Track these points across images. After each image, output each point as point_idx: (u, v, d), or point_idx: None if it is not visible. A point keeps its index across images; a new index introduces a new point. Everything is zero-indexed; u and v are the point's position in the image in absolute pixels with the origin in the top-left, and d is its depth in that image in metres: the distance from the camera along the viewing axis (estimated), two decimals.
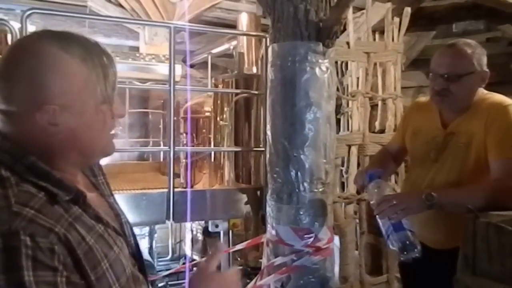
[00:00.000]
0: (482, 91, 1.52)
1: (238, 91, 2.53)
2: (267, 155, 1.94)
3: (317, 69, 1.82)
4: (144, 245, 3.73)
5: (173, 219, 2.22)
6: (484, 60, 1.50)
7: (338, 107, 3.68)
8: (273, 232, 1.89)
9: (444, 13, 3.52)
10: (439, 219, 1.53)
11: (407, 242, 1.30)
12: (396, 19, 2.90)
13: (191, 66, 5.52)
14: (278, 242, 1.87)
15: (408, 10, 2.85)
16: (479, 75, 1.49)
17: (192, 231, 3.56)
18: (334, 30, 1.79)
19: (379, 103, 3.10)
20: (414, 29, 3.56)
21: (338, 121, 3.78)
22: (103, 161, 0.95)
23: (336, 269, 2.54)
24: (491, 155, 1.40)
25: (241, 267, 3.49)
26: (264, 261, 1.97)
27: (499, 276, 1.04)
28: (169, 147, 2.23)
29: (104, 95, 0.76)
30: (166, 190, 2.24)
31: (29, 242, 0.61)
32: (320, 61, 1.82)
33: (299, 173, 1.82)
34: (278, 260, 1.84)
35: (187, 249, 3.65)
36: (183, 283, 3.38)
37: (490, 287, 1.03)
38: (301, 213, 1.83)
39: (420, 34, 3.65)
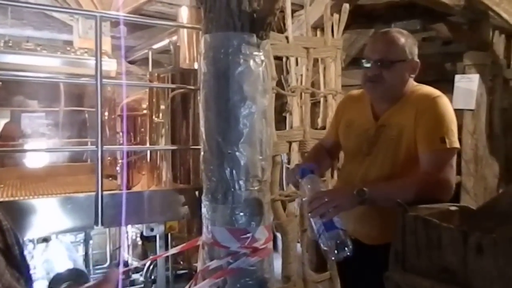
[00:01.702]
0: (412, 83, 1.51)
1: (173, 86, 2.40)
2: (201, 153, 1.84)
3: (251, 62, 1.74)
4: (79, 252, 3.49)
5: (102, 224, 2.05)
6: (415, 50, 1.50)
7: (283, 105, 3.67)
8: (209, 234, 1.80)
9: (382, 12, 3.60)
10: (373, 214, 1.51)
11: (338, 242, 1.26)
12: (336, 16, 2.91)
13: (133, 62, 5.29)
14: (214, 244, 1.77)
15: (346, 6, 2.87)
16: (410, 64, 1.48)
17: (130, 236, 3.37)
18: (268, 21, 1.73)
19: (321, 100, 3.11)
20: (354, 27, 3.61)
21: (284, 119, 3.77)
22: (32, 164, 0.80)
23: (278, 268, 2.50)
24: (420, 147, 1.39)
25: (185, 271, 3.36)
26: (199, 265, 1.87)
27: (427, 271, 1.01)
28: (96, 147, 2.06)
29: None
30: (94, 193, 2.07)
31: None
32: (254, 53, 1.74)
33: (234, 171, 1.73)
34: (214, 264, 1.75)
35: (126, 255, 3.45)
36: None
37: (419, 283, 0.99)
38: (237, 212, 1.74)
39: (360, 32, 3.71)
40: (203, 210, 1.85)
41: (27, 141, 4.04)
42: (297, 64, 4.13)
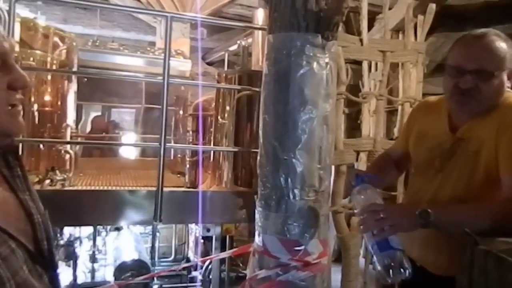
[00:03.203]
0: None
1: (238, 87, 2.37)
2: (258, 157, 1.78)
3: (314, 64, 1.63)
4: (147, 244, 3.65)
5: (160, 220, 2.09)
6: None
7: (359, 112, 3.48)
8: (260, 242, 1.72)
9: (476, 13, 3.23)
10: (442, 240, 1.31)
11: (393, 264, 1.10)
12: (420, 17, 2.67)
13: (211, 63, 5.42)
14: (264, 253, 1.70)
15: (432, 7, 2.61)
16: (510, 73, 1.25)
17: (194, 234, 3.44)
18: (334, 21, 1.61)
19: (399, 108, 2.88)
20: (442, 30, 3.30)
21: (359, 126, 3.58)
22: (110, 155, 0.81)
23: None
24: (502, 167, 1.17)
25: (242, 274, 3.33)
26: (248, 273, 1.80)
27: None
28: (160, 144, 2.10)
29: None
30: (155, 188, 2.12)
31: None
32: (318, 55, 1.63)
33: (289, 179, 1.64)
34: (262, 273, 1.67)
35: (190, 251, 3.53)
36: (179, 286, 3.27)
37: None
38: (290, 222, 1.64)
39: (448, 35, 3.37)
40: (256, 216, 1.78)
41: (114, 133, 4.35)
42: (376, 69, 3.90)
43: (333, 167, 2.24)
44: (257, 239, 1.76)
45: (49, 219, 0.81)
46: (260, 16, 3.53)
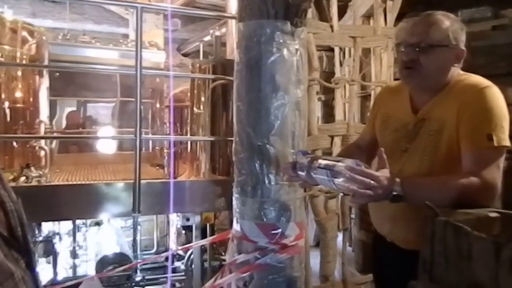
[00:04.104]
0: (457, 72, 1.35)
1: (212, 76, 2.38)
2: (233, 145, 1.81)
3: (284, 51, 1.66)
4: (128, 237, 3.65)
5: (138, 212, 2.10)
6: (463, 37, 1.33)
7: (333, 99, 3.53)
8: (238, 227, 1.76)
9: None
10: (411, 216, 1.37)
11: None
12: (390, 2, 2.72)
13: (186, 54, 5.39)
14: (242, 238, 1.74)
15: None
16: (453, 51, 1.31)
17: (175, 224, 3.45)
18: (302, 8, 1.64)
19: (372, 92, 2.94)
20: (412, 15, 3.36)
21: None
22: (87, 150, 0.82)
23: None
24: (463, 145, 1.23)
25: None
26: (227, 258, 1.84)
27: (456, 285, 0.89)
28: (135, 136, 2.10)
29: None
30: (132, 181, 2.12)
31: None
32: (288, 41, 1.66)
33: (264, 164, 1.68)
34: (241, 258, 1.71)
35: (171, 242, 3.54)
36: (162, 277, 3.29)
37: None
38: (266, 207, 1.69)
39: None
40: (234, 202, 1.82)
41: (87, 128, 4.30)
42: (350, 55, 3.95)
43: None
44: (235, 225, 1.80)
45: (22, 207, 0.82)
46: (233, 5, 3.51)
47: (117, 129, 4.10)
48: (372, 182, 1.12)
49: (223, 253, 3.35)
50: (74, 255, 3.51)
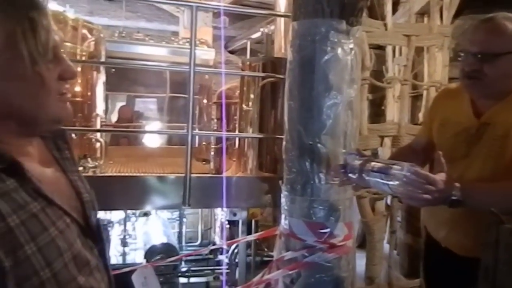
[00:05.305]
0: None
1: (262, 74, 2.40)
2: (283, 143, 1.82)
3: (339, 50, 1.65)
4: (174, 229, 3.77)
5: (188, 205, 2.16)
6: None
7: (384, 97, 3.45)
8: (286, 225, 1.77)
9: None
10: (467, 221, 1.33)
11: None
12: (447, 0, 2.62)
13: (233, 52, 5.46)
14: (290, 235, 1.75)
15: None
16: None
17: (220, 218, 3.52)
18: (359, 7, 1.62)
19: (424, 92, 2.86)
20: (468, 12, 3.22)
21: (382, 112, 3.55)
22: (138, 144, 0.88)
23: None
24: None
25: (270, 259, 3.40)
26: (275, 255, 1.86)
27: None
28: (187, 131, 2.17)
29: (35, 54, 0.68)
30: (183, 174, 2.19)
31: None
32: (343, 41, 1.65)
33: (314, 163, 1.67)
34: (289, 255, 1.72)
35: (216, 236, 3.62)
36: (206, 269, 3.37)
37: None
38: (315, 206, 1.68)
39: (475, 18, 3.28)
40: (282, 200, 1.83)
41: (140, 122, 4.47)
42: (400, 54, 3.85)
43: None
44: (283, 222, 1.81)
45: (95, 198, 0.87)
46: (282, 3, 3.52)
47: (165, 123, 4.23)
48: (429, 186, 1.10)
49: (265, 249, 3.39)
50: (124, 243, 3.68)
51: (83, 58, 2.97)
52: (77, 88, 2.97)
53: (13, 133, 0.71)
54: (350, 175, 1.37)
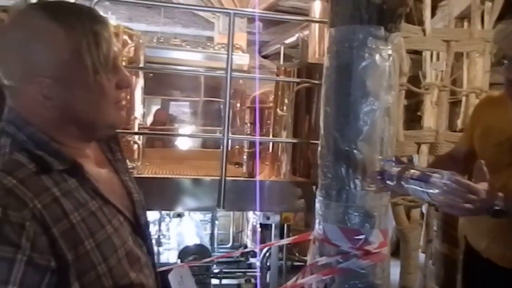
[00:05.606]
0: None
1: (297, 80, 2.42)
2: (319, 148, 1.83)
3: (377, 56, 1.64)
4: (206, 231, 3.83)
5: (223, 207, 2.20)
6: None
7: (420, 103, 3.39)
8: (320, 230, 1.78)
9: None
10: (510, 232, 1.30)
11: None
12: (488, 3, 2.56)
13: (266, 56, 5.50)
14: (324, 241, 1.75)
15: None
16: None
17: (252, 222, 3.55)
18: (398, 13, 1.61)
19: (463, 99, 2.79)
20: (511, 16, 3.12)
21: (419, 118, 3.49)
22: (173, 146, 0.93)
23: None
24: None
25: (301, 263, 3.41)
26: (309, 259, 1.87)
27: None
28: (223, 135, 2.21)
29: (98, 64, 0.73)
30: (218, 177, 2.23)
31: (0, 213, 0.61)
32: (381, 47, 1.64)
33: (350, 169, 1.67)
34: (323, 260, 1.73)
35: (247, 239, 3.65)
36: (238, 271, 3.41)
37: None
38: (350, 212, 1.68)
39: None
40: (317, 205, 1.83)
41: (173, 126, 4.59)
42: (438, 59, 3.77)
43: None
44: (317, 227, 1.81)
45: (144, 198, 0.92)
46: (317, 8, 3.53)
47: (198, 127, 4.31)
48: (471, 195, 1.08)
49: (297, 254, 3.39)
50: (158, 243, 3.77)
51: (123, 63, 3.09)
52: None
53: (74, 137, 0.76)
54: (387, 182, 1.37)
